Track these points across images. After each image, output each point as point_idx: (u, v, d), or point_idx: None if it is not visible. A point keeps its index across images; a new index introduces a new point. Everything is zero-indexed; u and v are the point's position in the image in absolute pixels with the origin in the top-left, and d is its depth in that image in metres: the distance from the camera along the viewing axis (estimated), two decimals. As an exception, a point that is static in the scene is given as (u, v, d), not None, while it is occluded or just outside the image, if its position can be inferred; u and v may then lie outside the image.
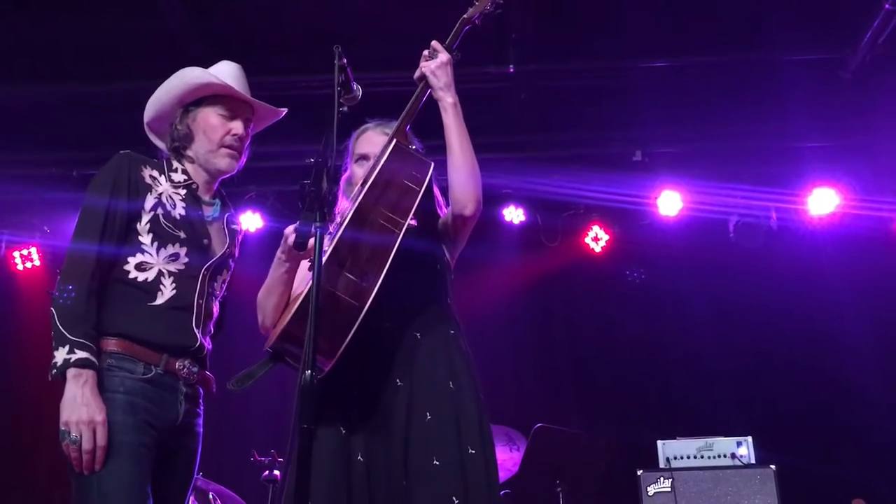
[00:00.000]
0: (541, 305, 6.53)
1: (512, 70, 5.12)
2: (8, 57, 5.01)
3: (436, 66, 2.57)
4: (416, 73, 2.62)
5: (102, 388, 2.30)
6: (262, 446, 4.81)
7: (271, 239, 5.51)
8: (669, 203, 5.97)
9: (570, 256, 6.42)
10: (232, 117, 2.64)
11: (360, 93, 2.37)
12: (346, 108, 2.28)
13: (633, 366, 6.30)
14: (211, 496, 4.41)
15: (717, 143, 5.73)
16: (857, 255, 5.90)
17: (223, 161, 2.62)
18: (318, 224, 2.06)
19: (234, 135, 2.62)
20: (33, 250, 6.51)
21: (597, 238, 6.41)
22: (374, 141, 2.70)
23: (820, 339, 5.89)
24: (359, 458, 2.36)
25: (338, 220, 2.49)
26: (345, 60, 2.31)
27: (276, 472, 4.65)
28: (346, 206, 2.58)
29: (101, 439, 2.26)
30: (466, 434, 2.38)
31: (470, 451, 2.36)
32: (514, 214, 6.25)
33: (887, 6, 4.43)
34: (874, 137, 5.62)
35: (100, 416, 2.26)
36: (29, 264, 6.51)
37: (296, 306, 2.31)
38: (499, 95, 5.35)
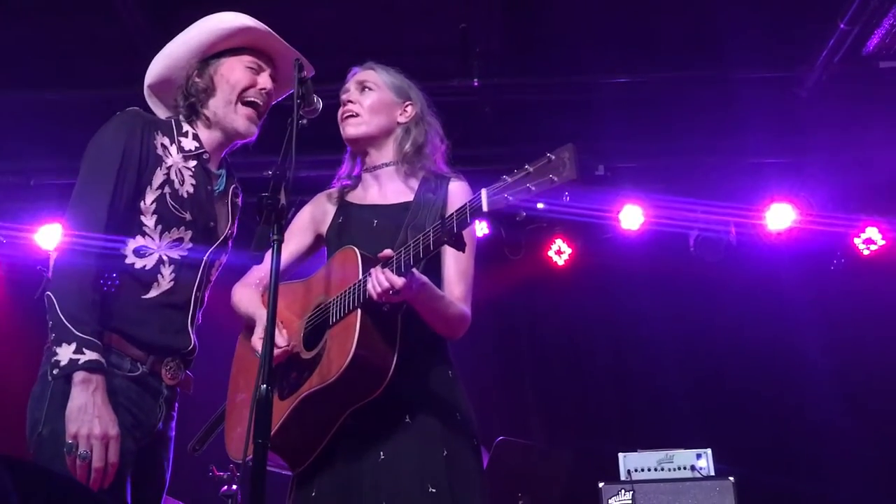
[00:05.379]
0: (503, 318, 6.53)
1: (476, 84, 5.13)
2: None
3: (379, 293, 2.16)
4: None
5: None
6: (221, 461, 4.73)
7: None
8: (631, 217, 6.02)
9: (533, 270, 6.43)
10: (258, 70, 2.43)
11: (320, 105, 2.31)
12: (305, 121, 2.23)
13: (594, 379, 6.33)
14: (168, 512, 4.34)
15: (678, 159, 5.80)
16: (813, 269, 6.01)
17: (241, 122, 2.40)
18: (275, 237, 2.04)
19: (262, 89, 2.42)
20: (-12, 260, 6.36)
21: (560, 251, 6.44)
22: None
23: (778, 352, 5.97)
24: None
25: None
26: (305, 73, 2.28)
27: (235, 487, 4.61)
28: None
29: (114, 455, 2.01)
30: None
31: None
32: (477, 227, 6.24)
33: (842, 25, 4.53)
34: (830, 154, 5.73)
35: (114, 430, 2.01)
36: (-16, 274, 6.37)
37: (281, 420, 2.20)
38: (463, 108, 5.35)
